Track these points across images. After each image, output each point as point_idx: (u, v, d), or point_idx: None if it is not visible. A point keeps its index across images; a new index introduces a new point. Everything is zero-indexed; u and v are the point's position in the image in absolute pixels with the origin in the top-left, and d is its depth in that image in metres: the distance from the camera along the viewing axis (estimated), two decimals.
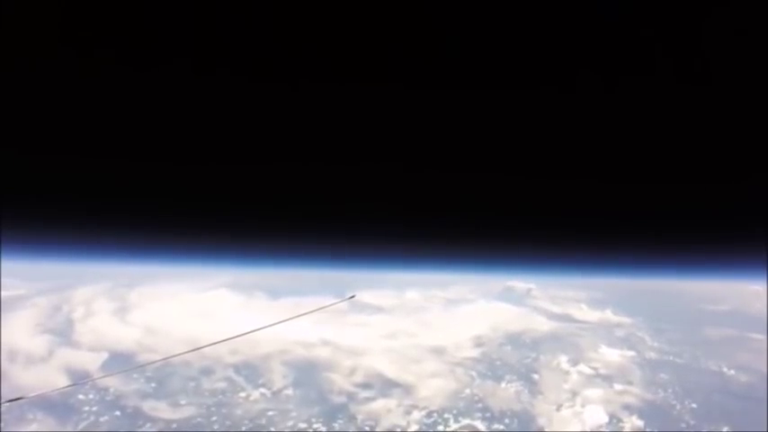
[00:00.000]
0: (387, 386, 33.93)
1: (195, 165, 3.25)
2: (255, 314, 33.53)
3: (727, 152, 2.90)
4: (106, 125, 2.85)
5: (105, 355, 32.83)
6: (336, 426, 31.29)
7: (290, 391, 33.13)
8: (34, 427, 30.05)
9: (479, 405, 33.46)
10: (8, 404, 31.34)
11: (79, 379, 31.79)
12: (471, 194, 3.52)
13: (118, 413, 31.15)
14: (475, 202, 3.61)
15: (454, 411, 32.83)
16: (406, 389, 33.79)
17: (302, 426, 31.14)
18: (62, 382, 32.02)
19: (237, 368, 33.80)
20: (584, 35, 2.35)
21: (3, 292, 35.83)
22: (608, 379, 36.74)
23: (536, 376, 36.12)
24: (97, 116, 2.78)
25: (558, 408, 34.30)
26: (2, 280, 36.07)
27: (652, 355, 39.35)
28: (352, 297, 7.00)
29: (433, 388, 34.05)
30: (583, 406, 34.71)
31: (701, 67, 2.47)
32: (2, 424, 29.61)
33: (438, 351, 36.35)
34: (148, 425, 30.94)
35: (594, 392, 35.79)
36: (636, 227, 3.80)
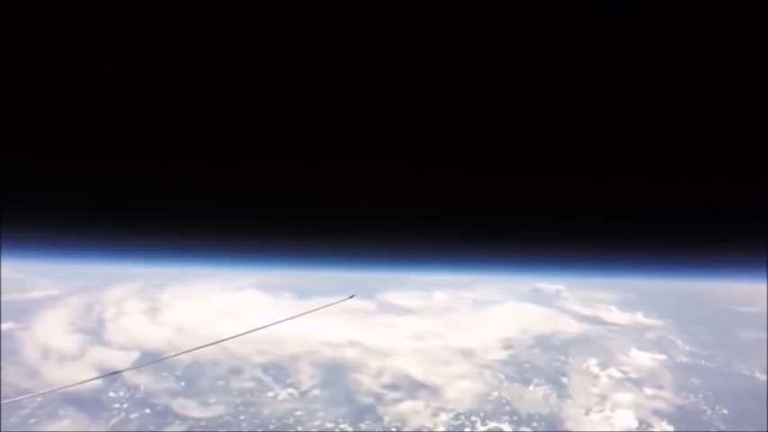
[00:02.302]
0: (414, 388, 33.63)
1: (225, 167, 3.30)
2: (282, 314, 33.35)
3: (728, 153, 2.90)
4: (138, 129, 2.90)
5: (136, 354, 33.30)
6: (363, 426, 31.17)
7: (317, 392, 33.11)
8: (66, 422, 30.69)
9: (507, 408, 32.98)
10: (40, 400, 32.44)
11: (109, 378, 32.20)
12: (495, 195, 3.54)
13: (147, 411, 31.59)
14: (495, 203, 3.65)
15: (481, 414, 32.44)
16: (434, 391, 33.48)
17: (329, 426, 31.14)
18: (93, 381, 32.43)
19: (266, 368, 33.91)
20: (587, 37, 2.34)
21: (37, 293, 36.84)
22: (638, 383, 35.98)
23: (565, 379, 35.44)
24: (128, 120, 2.82)
25: (587, 412, 33.73)
26: (36, 280, 37.46)
27: (683, 358, 38.43)
28: (352, 297, 6.43)
29: (461, 390, 33.71)
30: (612, 410, 34.10)
31: (702, 69, 2.45)
32: (34, 419, 31.09)
33: (466, 353, 36.00)
34: (177, 422, 31.32)
35: (624, 397, 35.12)
36: (637, 227, 3.80)
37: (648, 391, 35.20)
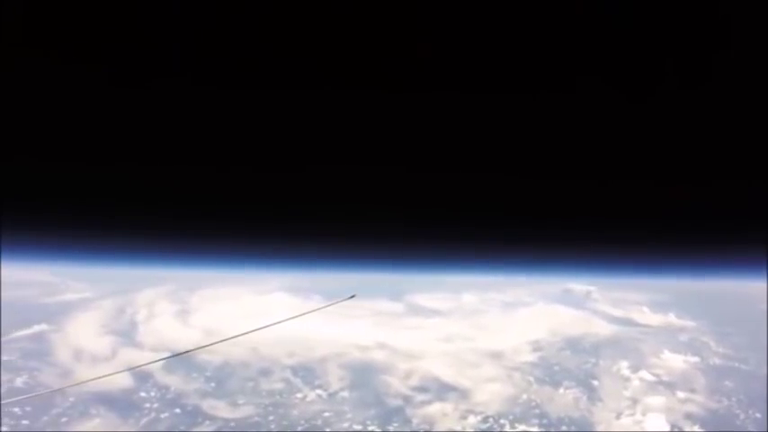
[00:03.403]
0: (443, 390, 33.52)
1: (249, 171, 3.35)
2: (309, 317, 33.56)
3: (729, 153, 2.89)
4: (168, 133, 2.95)
5: (166, 355, 33.37)
6: (391, 428, 31.15)
7: (346, 393, 33.27)
8: (97, 421, 31.30)
9: (536, 411, 32.62)
10: (72, 399, 33.19)
11: (140, 378, 32.90)
12: (516, 197, 3.57)
13: (178, 410, 32.09)
14: (515, 204, 3.68)
15: (510, 417, 32.13)
16: (463, 393, 33.34)
17: (357, 427, 31.27)
18: (124, 380, 33.09)
19: (295, 370, 34.21)
20: (587, 37, 2.35)
21: (70, 296, 37.72)
22: (670, 386, 35.23)
23: (595, 382, 34.85)
24: (154, 124, 2.86)
25: (618, 416, 33.06)
26: (69, 284, 38.38)
27: (716, 361, 37.49)
28: (353, 297, 6.49)
29: (490, 392, 33.48)
30: (644, 414, 33.44)
31: (703, 70, 2.47)
32: (66, 418, 31.82)
33: (495, 355, 35.72)
34: (207, 422, 31.75)
35: (656, 400, 34.37)
36: (636, 226, 3.78)
37: (681, 394, 34.44)
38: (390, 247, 4.97)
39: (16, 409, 31.76)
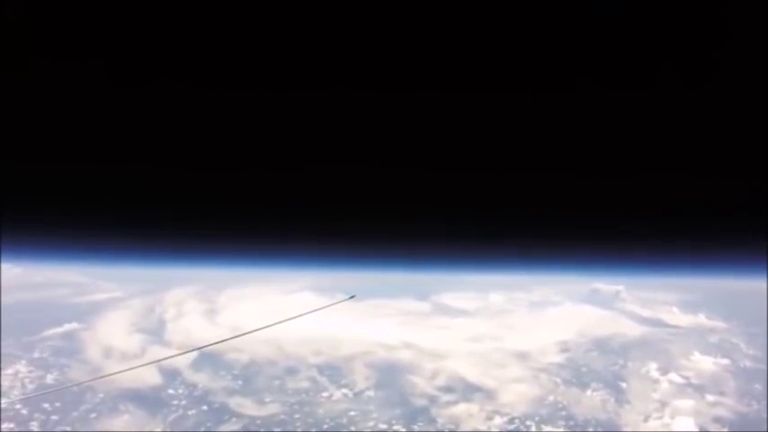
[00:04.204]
0: (469, 390, 33.39)
1: (281, 173, 3.36)
2: (336, 316, 33.80)
3: (729, 151, 2.91)
4: (194, 136, 2.95)
5: (194, 354, 34.01)
6: (416, 428, 31.30)
7: (371, 393, 33.35)
8: (126, 417, 31.96)
9: (563, 413, 32.45)
10: (102, 396, 33.72)
11: (168, 375, 33.46)
12: (536, 195, 3.57)
13: (205, 407, 32.60)
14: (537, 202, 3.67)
15: (537, 418, 32.02)
16: (489, 394, 33.13)
17: (382, 427, 31.51)
18: (153, 378, 33.67)
19: (321, 368, 34.36)
20: (582, 35, 2.32)
21: (100, 295, 38.48)
22: (700, 389, 34.64)
23: (623, 384, 34.38)
24: (176, 125, 2.86)
25: (646, 419, 32.71)
26: (99, 284, 39.31)
27: (747, 363, 36.76)
28: (353, 297, 6.44)
29: (516, 393, 33.31)
30: (672, 417, 33.10)
31: (702, 66, 2.43)
32: (94, 414, 32.48)
33: (522, 355, 35.44)
34: (234, 420, 32.26)
35: (685, 403, 33.91)
36: (634, 225, 3.85)
37: (710, 397, 33.86)
38: (416, 246, 4.92)
39: (46, 405, 32.61)
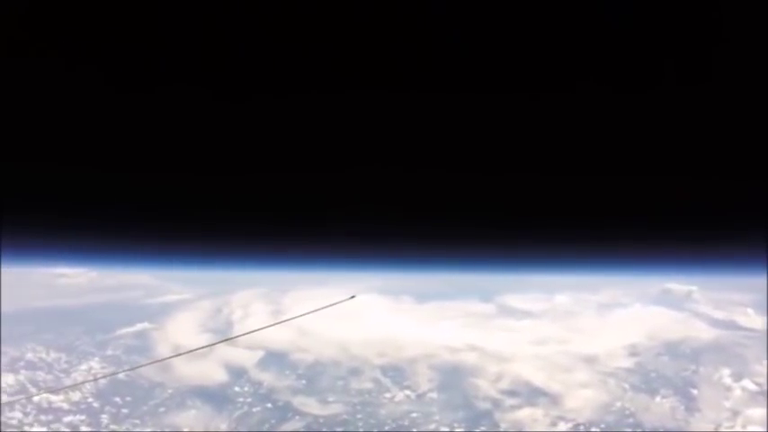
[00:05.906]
0: (533, 394, 33.04)
1: (337, 173, 3.37)
2: (401, 317, 33.64)
3: (729, 150, 2.90)
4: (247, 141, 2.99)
5: (261, 353, 35.48)
6: None
7: (434, 395, 33.39)
8: (192, 413, 32.99)
9: (630, 420, 31.60)
10: (171, 392, 34.68)
11: (235, 374, 34.24)
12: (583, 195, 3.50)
13: (269, 405, 33.38)
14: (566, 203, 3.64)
15: (602, 425, 31.37)
16: (554, 398, 32.68)
17: (444, 429, 31.69)
18: (220, 376, 34.53)
19: (384, 370, 34.77)
20: (583, 34, 2.33)
21: (170, 297, 39.53)
22: None
23: (694, 391, 33.01)
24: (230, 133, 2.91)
25: (717, 427, 31.37)
26: (169, 286, 40.51)
27: None
28: (353, 297, 6.39)
29: (582, 399, 32.70)
30: (744, 427, 32.00)
31: (703, 66, 2.45)
32: (164, 408, 33.52)
33: (589, 359, 34.66)
34: (297, 418, 33.01)
35: (758, 412, 32.66)
36: (633, 224, 3.77)
37: None
38: (480, 248, 4.89)
39: (117, 399, 33.87)
